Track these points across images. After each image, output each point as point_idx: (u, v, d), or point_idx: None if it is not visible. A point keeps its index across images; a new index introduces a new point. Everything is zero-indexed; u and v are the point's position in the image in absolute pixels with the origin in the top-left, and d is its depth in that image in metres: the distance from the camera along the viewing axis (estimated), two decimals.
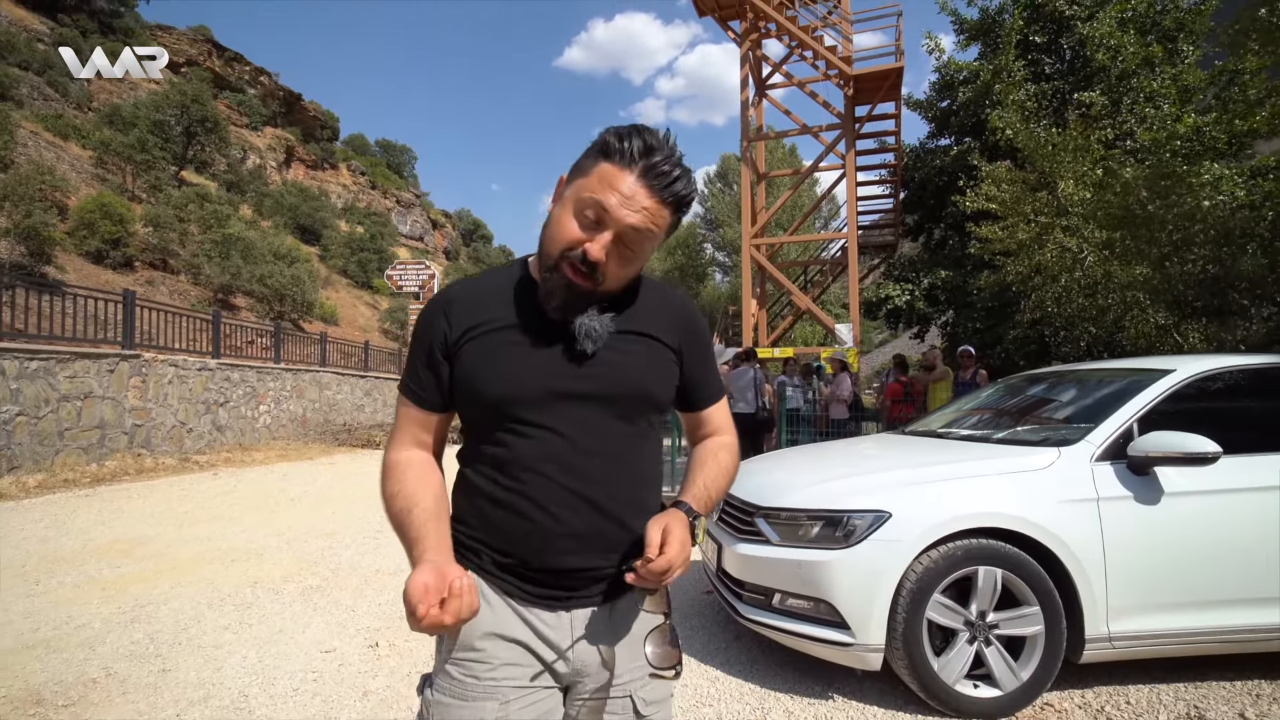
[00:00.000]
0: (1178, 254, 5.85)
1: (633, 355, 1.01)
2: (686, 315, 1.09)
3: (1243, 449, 2.65)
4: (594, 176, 0.93)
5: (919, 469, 2.75)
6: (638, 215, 0.91)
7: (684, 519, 0.96)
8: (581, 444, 0.97)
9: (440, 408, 1.04)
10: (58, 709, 2.42)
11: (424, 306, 1.05)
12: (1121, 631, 2.46)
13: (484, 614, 0.97)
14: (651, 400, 1.02)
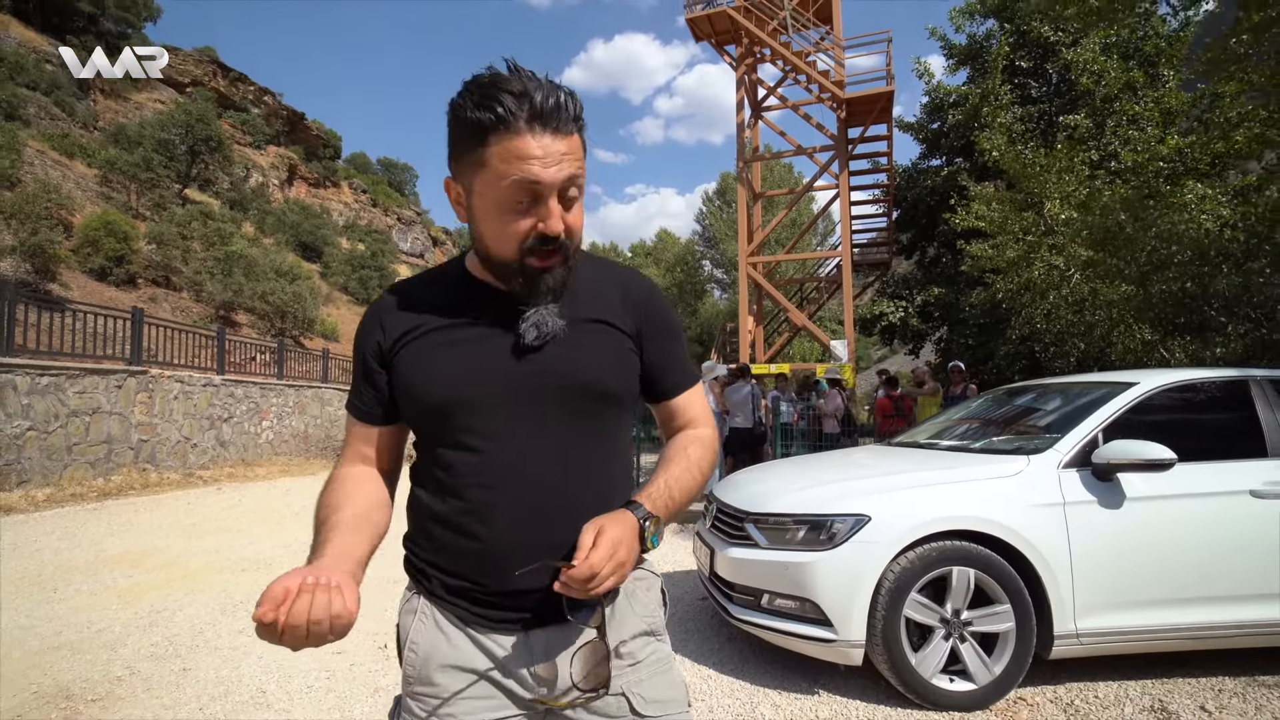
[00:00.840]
0: (1157, 273, 6.07)
1: (582, 345, 0.91)
2: (642, 294, 0.98)
3: (1199, 456, 2.84)
4: (494, 160, 0.81)
5: (898, 476, 2.93)
6: (565, 164, 0.82)
7: (629, 521, 0.85)
8: (531, 448, 0.88)
9: (382, 420, 0.97)
10: (87, 703, 2.57)
11: (367, 315, 0.97)
12: (1088, 628, 2.62)
13: (439, 644, 0.90)
14: (606, 393, 0.92)
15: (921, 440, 3.82)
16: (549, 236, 0.84)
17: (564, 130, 0.82)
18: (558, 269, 0.87)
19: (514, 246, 0.85)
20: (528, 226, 0.84)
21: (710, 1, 13.07)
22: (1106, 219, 6.43)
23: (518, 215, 0.84)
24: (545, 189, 0.82)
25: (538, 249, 0.85)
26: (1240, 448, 2.94)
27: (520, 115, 0.80)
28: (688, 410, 1.03)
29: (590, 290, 0.95)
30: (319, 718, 2.50)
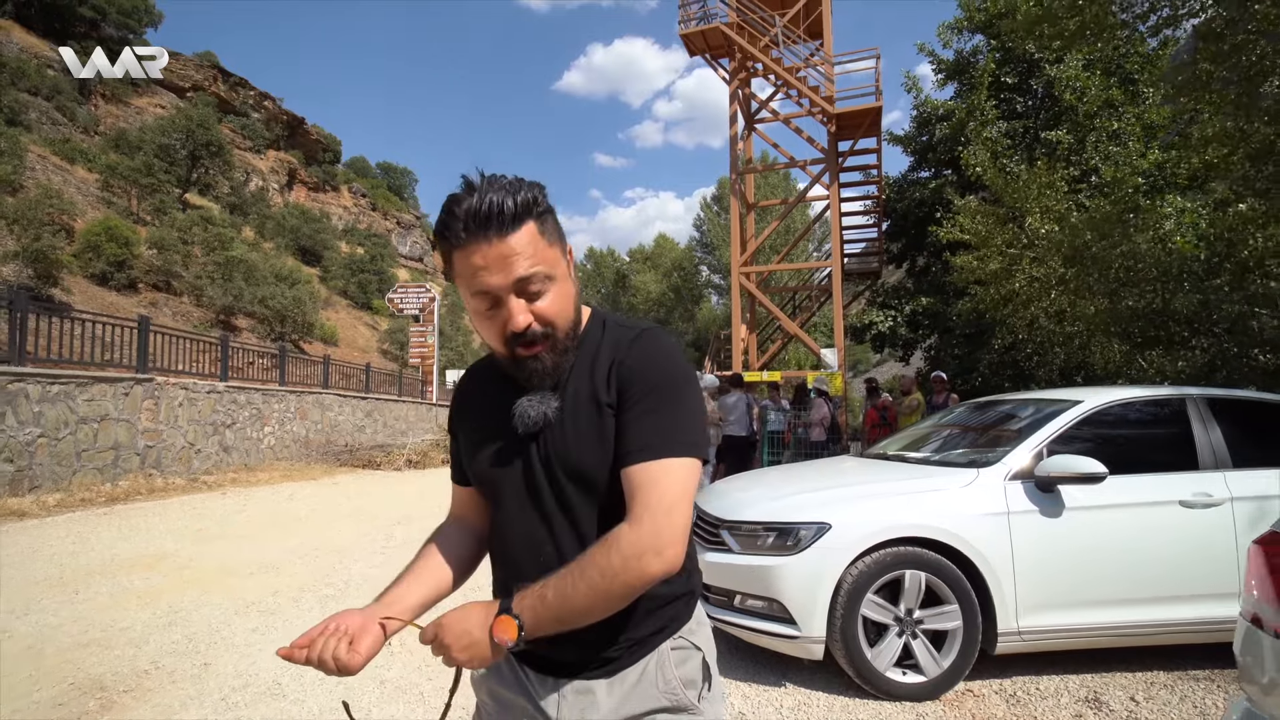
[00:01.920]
0: (1125, 290, 6.35)
1: (570, 430, 0.94)
2: (632, 361, 0.93)
3: (1136, 469, 3.11)
4: (458, 275, 0.89)
5: (860, 487, 3.20)
6: (514, 264, 0.86)
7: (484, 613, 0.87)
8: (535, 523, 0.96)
9: (464, 481, 1.10)
10: (119, 693, 2.83)
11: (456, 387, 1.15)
12: (1029, 626, 2.89)
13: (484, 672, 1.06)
14: (584, 476, 0.94)
15: (890, 452, 4.09)
16: (517, 333, 0.89)
17: (505, 231, 0.85)
18: (545, 354, 0.91)
19: (500, 344, 0.92)
20: (500, 326, 0.90)
21: (704, 17, 13.38)
22: (1075, 239, 6.72)
23: (489, 319, 0.90)
24: (500, 292, 0.87)
25: (517, 343, 0.90)
26: (1175, 461, 3.21)
27: (460, 231, 0.85)
28: (635, 493, 0.87)
29: (590, 362, 0.96)
30: (330, 705, 2.76)
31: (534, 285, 0.88)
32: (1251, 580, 1.04)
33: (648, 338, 0.96)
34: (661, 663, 0.95)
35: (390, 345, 32.49)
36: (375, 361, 25.40)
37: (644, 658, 0.95)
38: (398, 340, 31.30)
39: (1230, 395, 3.50)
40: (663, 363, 0.93)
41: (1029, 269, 8.51)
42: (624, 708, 0.93)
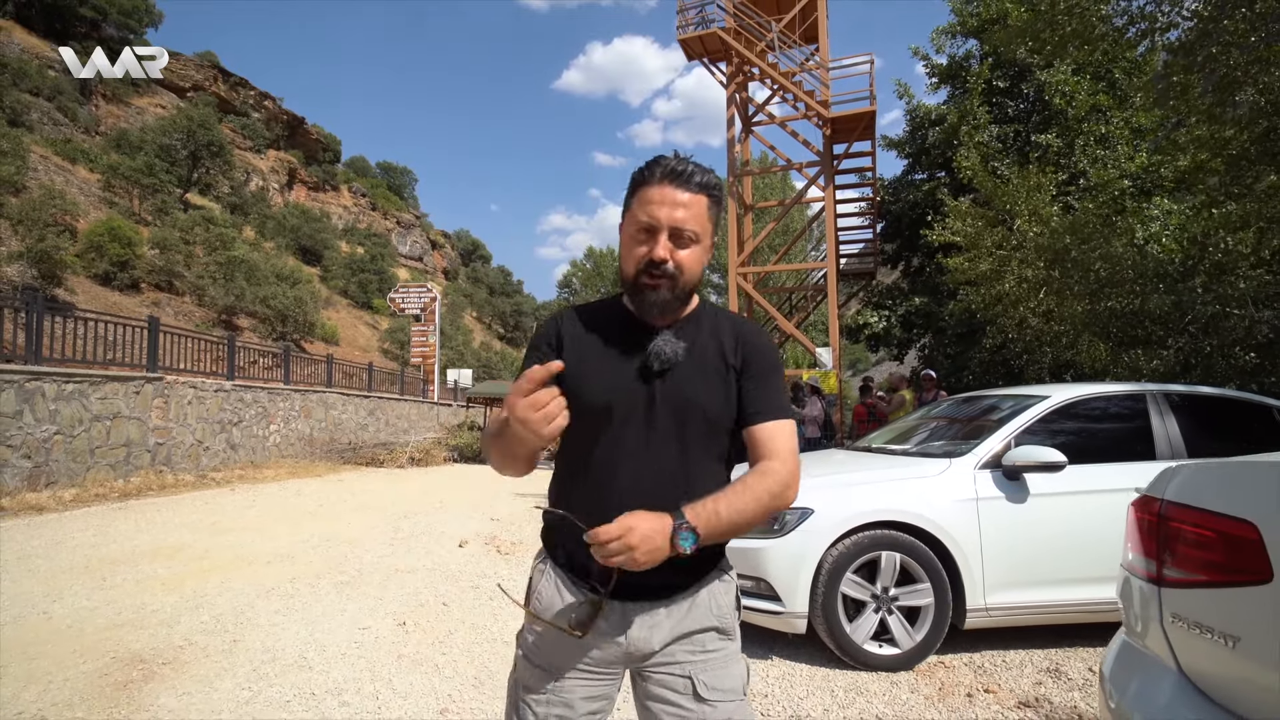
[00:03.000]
0: (1104, 292, 6.60)
1: (696, 377, 1.11)
2: (749, 338, 1.17)
3: (1098, 459, 3.37)
4: (635, 205, 1.09)
5: (843, 475, 3.45)
6: (678, 210, 1.05)
7: (662, 521, 0.98)
8: (651, 457, 1.07)
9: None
10: (159, 665, 3.07)
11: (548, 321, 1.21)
12: (996, 603, 3.14)
13: (554, 597, 1.12)
14: (707, 417, 1.11)
15: (875, 445, 4.34)
16: (654, 261, 1.07)
17: (686, 187, 1.07)
18: (663, 290, 1.08)
19: (632, 266, 1.10)
20: (642, 253, 1.08)
21: (702, 22, 13.62)
22: (1055, 242, 6.97)
23: (639, 244, 1.09)
24: (659, 224, 1.06)
25: (646, 271, 1.08)
26: (1134, 451, 3.46)
27: (657, 174, 1.08)
28: (769, 443, 1.12)
29: (713, 331, 1.16)
30: (353, 676, 3.00)
31: (684, 236, 1.08)
32: (1126, 536, 1.28)
33: (762, 329, 1.23)
34: (713, 591, 1.14)
35: (391, 344, 32.70)
36: (376, 361, 25.61)
37: (704, 587, 1.13)
38: (398, 339, 31.51)
39: (1187, 391, 3.76)
40: (774, 349, 1.20)
41: (1018, 270, 8.76)
42: (681, 626, 1.10)
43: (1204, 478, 1.17)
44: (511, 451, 1.07)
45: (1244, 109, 6.49)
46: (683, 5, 13.77)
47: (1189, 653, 1.07)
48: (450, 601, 4.21)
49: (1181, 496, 1.15)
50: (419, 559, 5.33)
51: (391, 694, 2.83)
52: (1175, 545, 1.13)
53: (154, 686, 2.85)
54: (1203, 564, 1.07)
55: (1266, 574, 0.95)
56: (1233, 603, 1.01)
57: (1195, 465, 1.22)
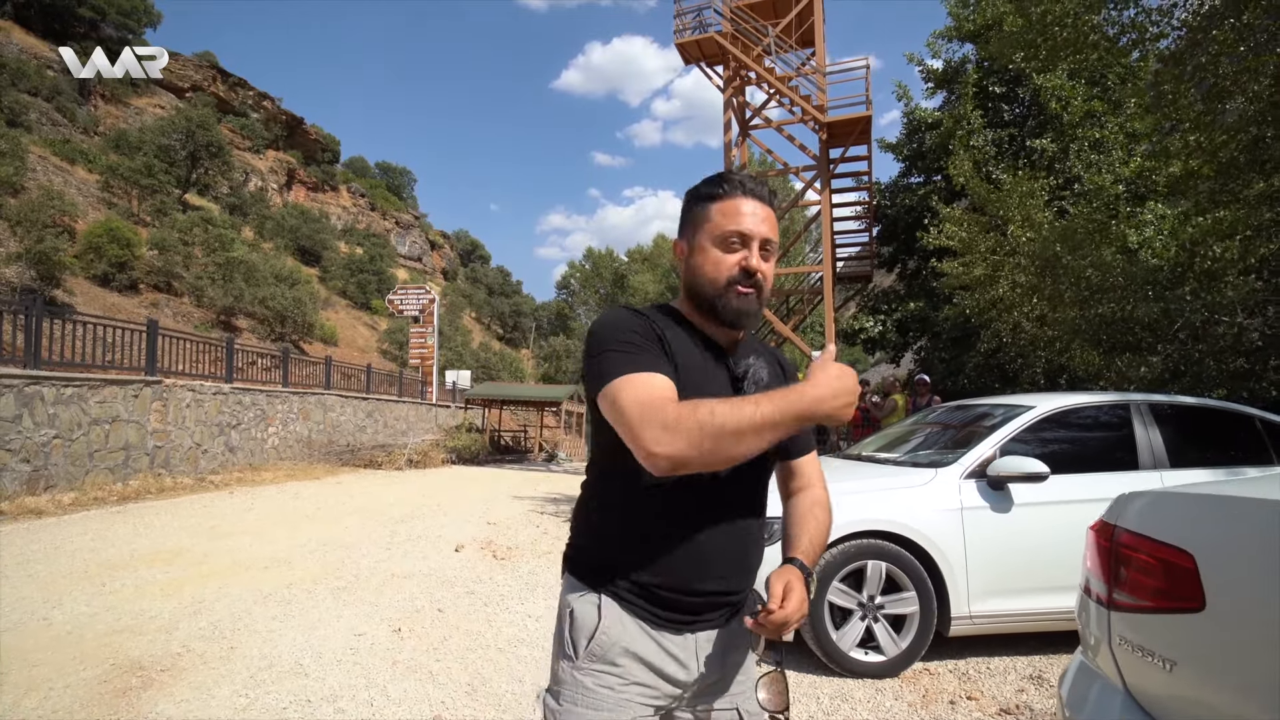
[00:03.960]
0: (1094, 299, 6.66)
1: None
2: (787, 365, 1.23)
3: (1081, 469, 3.43)
4: (717, 216, 1.08)
5: (832, 484, 3.49)
6: (765, 225, 1.08)
7: (801, 576, 1.03)
8: (734, 477, 1.05)
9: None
10: (157, 672, 3.12)
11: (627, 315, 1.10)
12: (980, 611, 3.19)
13: (622, 631, 1.04)
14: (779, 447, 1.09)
15: (864, 453, 4.40)
16: (750, 270, 1.07)
17: (765, 200, 1.10)
18: (753, 300, 1.08)
19: (724, 275, 1.07)
20: (735, 260, 1.07)
21: (699, 27, 13.68)
22: (1046, 249, 7.03)
23: (729, 253, 1.07)
24: (751, 235, 1.07)
25: (741, 280, 1.07)
26: (1118, 461, 3.53)
27: (737, 188, 1.09)
28: (807, 470, 1.21)
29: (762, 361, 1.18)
30: (348, 683, 3.05)
31: (768, 248, 1.09)
32: (1085, 558, 1.34)
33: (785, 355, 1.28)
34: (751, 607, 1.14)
35: (390, 345, 32.71)
36: (375, 361, 25.65)
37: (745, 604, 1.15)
38: (397, 340, 31.52)
39: (1171, 401, 3.82)
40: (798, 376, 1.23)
41: (1011, 275, 8.82)
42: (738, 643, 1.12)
43: (1154, 506, 1.22)
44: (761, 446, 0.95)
45: (1234, 117, 6.56)
46: (680, 10, 13.83)
47: (1134, 674, 1.13)
48: (445, 607, 4.27)
49: (1132, 524, 1.21)
50: (415, 564, 5.38)
51: (386, 701, 2.89)
52: (1125, 570, 1.19)
53: (152, 694, 2.90)
54: (1147, 590, 1.12)
55: (1200, 602, 1.00)
56: (1171, 629, 1.07)
57: (1150, 493, 1.27)
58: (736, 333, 1.12)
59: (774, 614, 0.96)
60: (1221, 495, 1.09)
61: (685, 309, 1.14)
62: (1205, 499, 1.11)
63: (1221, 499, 1.08)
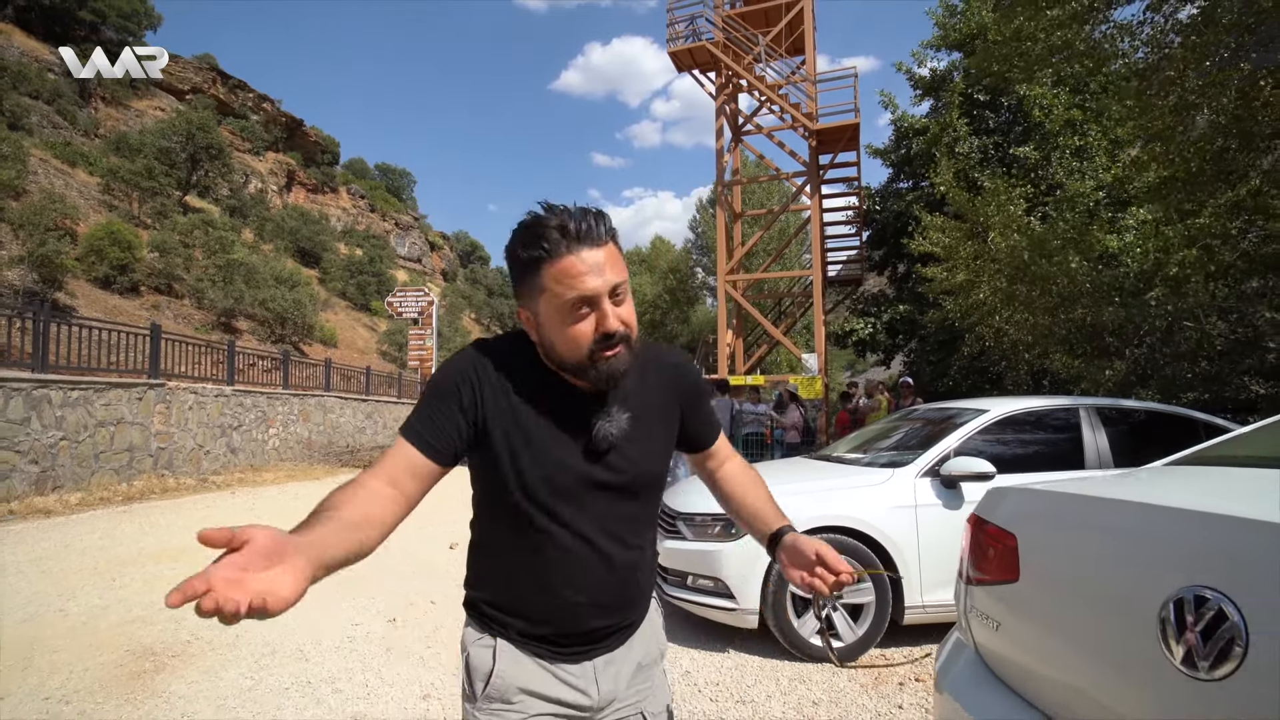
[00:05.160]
0: (1064, 306, 6.92)
1: (644, 439, 1.08)
2: (686, 373, 1.19)
3: (1030, 468, 3.67)
4: (551, 284, 0.96)
5: (797, 483, 3.76)
6: (608, 271, 0.96)
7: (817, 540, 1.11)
8: (609, 528, 1.05)
9: (444, 461, 1.00)
10: (169, 658, 3.37)
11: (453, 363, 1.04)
12: (932, 601, 3.44)
13: (518, 671, 1.05)
14: (661, 481, 1.14)
15: (834, 454, 4.65)
16: (609, 334, 0.97)
17: (599, 243, 0.96)
18: (623, 355, 1.00)
19: (584, 348, 0.98)
20: (590, 329, 0.97)
21: (692, 35, 13.94)
22: (1016, 257, 7.29)
23: (580, 322, 0.97)
24: (596, 296, 0.96)
25: (603, 345, 0.98)
26: (1065, 461, 3.77)
27: (559, 242, 0.94)
28: (722, 450, 1.27)
29: (647, 377, 1.11)
30: (345, 667, 3.30)
31: (619, 292, 0.99)
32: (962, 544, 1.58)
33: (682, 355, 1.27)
34: (651, 616, 1.18)
35: (389, 346, 32.94)
36: (374, 363, 25.88)
37: (646, 615, 1.16)
38: (396, 341, 31.74)
39: (1117, 405, 4.07)
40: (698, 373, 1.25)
41: (992, 280, 9.08)
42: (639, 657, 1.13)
43: (998, 496, 1.47)
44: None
45: (1203, 128, 6.81)
46: (673, 19, 14.09)
47: (980, 634, 1.37)
48: (438, 600, 4.52)
49: (987, 513, 1.45)
50: (411, 560, 5.63)
51: (380, 682, 3.14)
52: (978, 552, 1.43)
53: (165, 676, 3.15)
54: (990, 566, 1.36)
55: (1017, 574, 1.25)
56: (999, 596, 1.31)
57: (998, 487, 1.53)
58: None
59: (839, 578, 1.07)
60: (1039, 489, 1.33)
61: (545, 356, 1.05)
62: (1029, 491, 1.35)
63: (1038, 491, 1.32)
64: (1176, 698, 0.85)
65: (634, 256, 45.55)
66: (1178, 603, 0.87)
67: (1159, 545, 0.95)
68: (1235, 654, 0.79)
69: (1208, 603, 0.84)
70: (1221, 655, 0.81)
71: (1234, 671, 0.79)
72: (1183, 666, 0.85)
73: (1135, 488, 1.22)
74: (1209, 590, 0.84)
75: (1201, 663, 0.83)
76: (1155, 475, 1.45)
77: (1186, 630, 0.84)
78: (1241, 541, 0.84)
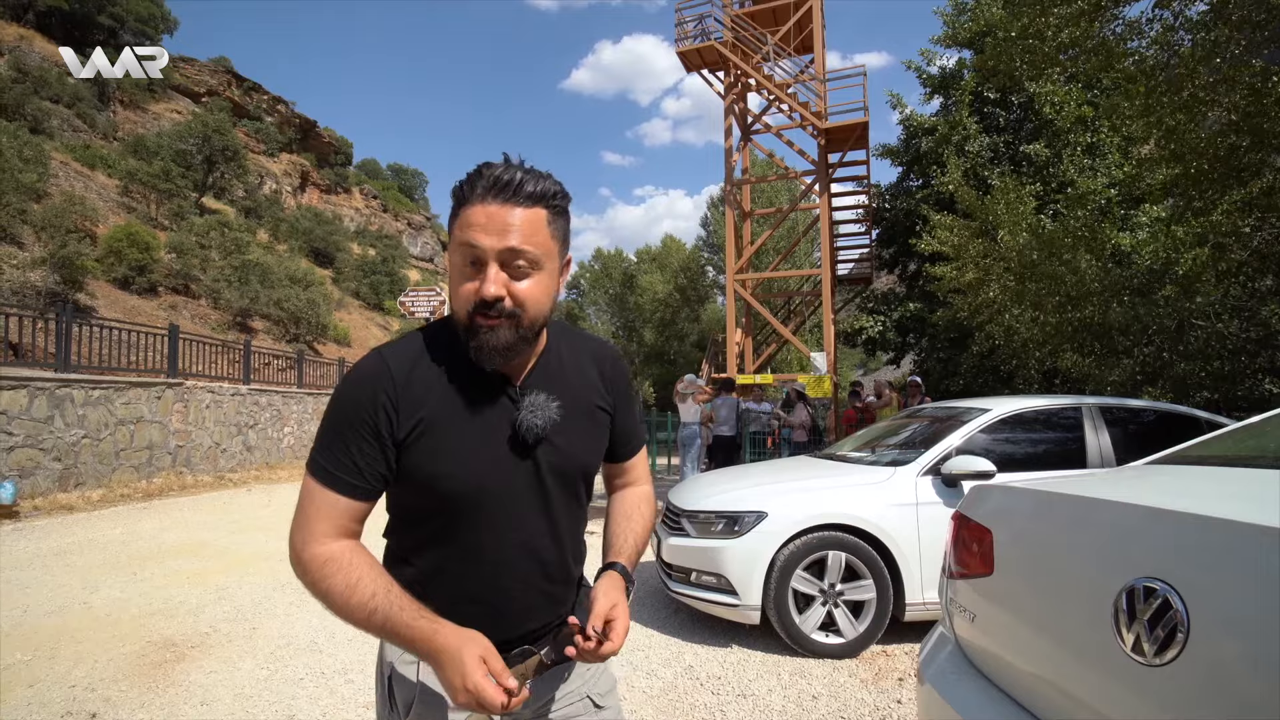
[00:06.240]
0: (1074, 305, 6.89)
1: (574, 433, 1.01)
2: (616, 371, 1.09)
3: (1032, 467, 3.71)
4: (455, 228, 0.90)
5: (799, 481, 3.81)
6: (509, 234, 0.87)
7: (622, 587, 0.99)
8: (537, 525, 0.99)
9: (374, 495, 0.95)
10: (188, 649, 3.48)
11: (357, 381, 0.93)
12: (934, 599, 3.48)
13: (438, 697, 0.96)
14: (589, 473, 1.06)
15: (837, 453, 4.69)
16: (485, 300, 0.87)
17: (515, 202, 0.87)
18: (503, 331, 0.89)
19: (464, 305, 0.90)
20: (471, 290, 0.89)
21: (701, 34, 13.97)
22: (1024, 257, 7.27)
23: (465, 279, 0.90)
24: (483, 253, 0.87)
25: (480, 311, 0.89)
26: (1067, 460, 3.80)
27: (477, 189, 0.88)
28: (636, 468, 1.17)
29: (576, 369, 1.04)
30: (358, 659, 3.40)
31: (520, 262, 0.89)
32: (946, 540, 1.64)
33: (617, 353, 1.13)
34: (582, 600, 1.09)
35: None
36: None
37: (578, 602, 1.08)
38: None
39: (1121, 404, 4.08)
40: (627, 371, 1.14)
41: (1001, 279, 9.05)
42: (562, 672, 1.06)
43: (977, 493, 1.53)
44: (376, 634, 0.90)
45: (1214, 126, 6.76)
46: (681, 19, 14.13)
47: (960, 627, 1.42)
48: None
49: (969, 510, 1.50)
50: None
51: None
52: (960, 547, 1.49)
53: (185, 666, 3.26)
54: (968, 560, 1.42)
55: (991, 568, 1.30)
56: (975, 589, 1.36)
57: (979, 485, 1.58)
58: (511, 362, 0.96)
59: (601, 648, 0.90)
60: (1016, 487, 1.38)
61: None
62: (1007, 489, 1.41)
63: (1015, 489, 1.38)
64: (1126, 681, 0.91)
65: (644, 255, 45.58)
66: (1129, 593, 0.93)
67: (1117, 539, 1.01)
68: (1178, 640, 0.85)
69: (1155, 593, 0.89)
70: (1166, 642, 0.86)
71: (1176, 657, 0.84)
72: (1132, 653, 0.90)
73: (1107, 486, 1.27)
74: (1157, 581, 0.90)
75: (1148, 648, 0.88)
76: (1132, 474, 1.50)
77: (1135, 619, 0.90)
78: (1186, 536, 0.90)
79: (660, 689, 3.08)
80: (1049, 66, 7.05)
